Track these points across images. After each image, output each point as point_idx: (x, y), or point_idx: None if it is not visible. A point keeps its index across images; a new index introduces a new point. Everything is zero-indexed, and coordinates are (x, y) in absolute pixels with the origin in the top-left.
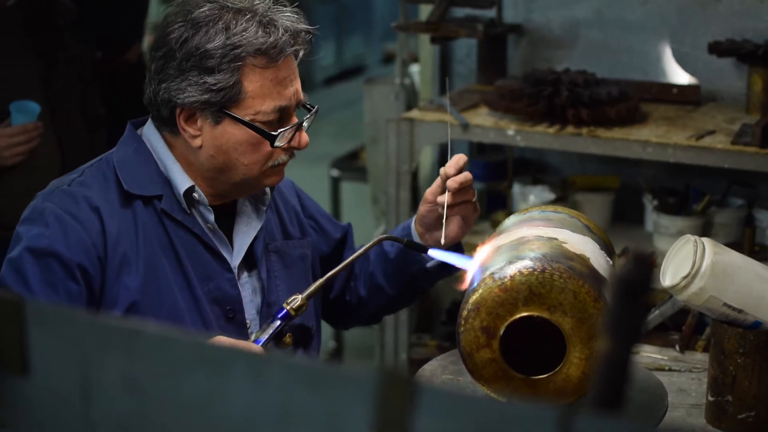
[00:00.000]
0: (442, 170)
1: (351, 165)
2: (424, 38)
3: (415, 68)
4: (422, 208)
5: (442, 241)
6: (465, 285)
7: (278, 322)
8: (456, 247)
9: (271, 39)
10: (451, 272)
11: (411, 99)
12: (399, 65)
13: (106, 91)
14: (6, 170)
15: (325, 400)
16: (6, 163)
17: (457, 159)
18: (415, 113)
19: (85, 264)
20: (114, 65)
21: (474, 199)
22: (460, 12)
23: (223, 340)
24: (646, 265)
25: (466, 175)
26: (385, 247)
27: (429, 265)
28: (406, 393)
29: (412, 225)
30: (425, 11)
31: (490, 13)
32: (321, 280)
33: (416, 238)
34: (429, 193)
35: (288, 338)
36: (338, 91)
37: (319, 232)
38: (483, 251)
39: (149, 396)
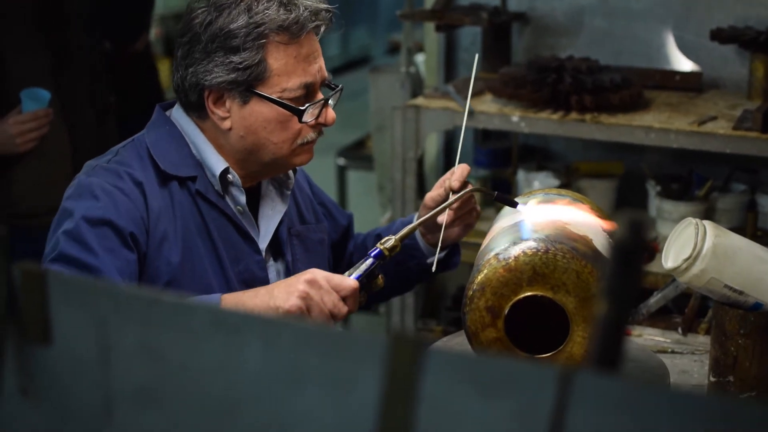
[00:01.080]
0: (447, 182)
1: (357, 154)
2: (429, 27)
3: (420, 58)
4: (423, 212)
5: (438, 249)
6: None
7: (371, 260)
8: (455, 246)
9: (293, 15)
10: (448, 269)
11: (416, 88)
12: (404, 53)
13: (115, 81)
14: (18, 157)
15: (336, 364)
16: (18, 149)
17: (461, 170)
18: (420, 100)
19: (136, 233)
20: (122, 55)
21: (475, 207)
22: (464, 0)
23: (317, 272)
24: (641, 229)
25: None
26: None
27: (429, 260)
28: (414, 354)
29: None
30: (430, 0)
31: (495, 1)
32: (414, 224)
33: (419, 239)
34: (429, 198)
35: (380, 279)
36: (343, 81)
37: (329, 219)
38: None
39: (167, 362)
